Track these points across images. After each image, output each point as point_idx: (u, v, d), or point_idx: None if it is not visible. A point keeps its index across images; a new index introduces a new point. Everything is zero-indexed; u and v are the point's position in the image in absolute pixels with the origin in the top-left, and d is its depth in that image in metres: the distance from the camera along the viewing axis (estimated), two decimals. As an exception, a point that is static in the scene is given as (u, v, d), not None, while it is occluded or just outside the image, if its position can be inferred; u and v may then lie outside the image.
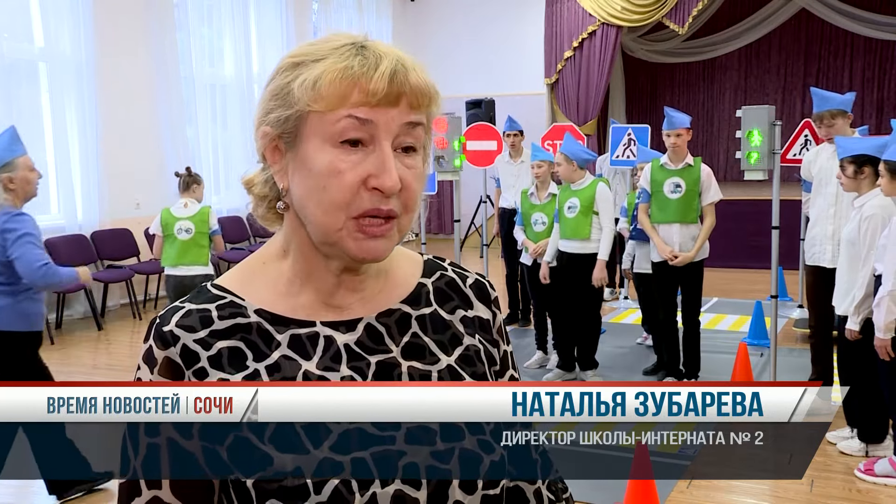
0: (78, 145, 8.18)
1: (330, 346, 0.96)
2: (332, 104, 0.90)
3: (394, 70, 0.90)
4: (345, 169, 0.90)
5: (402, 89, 0.91)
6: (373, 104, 0.90)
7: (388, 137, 0.91)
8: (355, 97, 0.90)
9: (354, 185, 0.90)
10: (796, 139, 6.96)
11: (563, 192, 5.55)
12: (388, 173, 0.90)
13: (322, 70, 0.90)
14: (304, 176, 0.92)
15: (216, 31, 9.95)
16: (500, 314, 1.11)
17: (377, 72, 0.90)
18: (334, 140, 0.90)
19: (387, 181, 0.90)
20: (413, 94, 0.92)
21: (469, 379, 1.01)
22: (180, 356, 0.92)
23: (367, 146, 0.91)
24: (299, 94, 0.91)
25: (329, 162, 0.90)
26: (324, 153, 0.91)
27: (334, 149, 0.90)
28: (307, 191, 0.92)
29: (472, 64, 13.08)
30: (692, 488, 3.96)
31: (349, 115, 0.90)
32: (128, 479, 0.94)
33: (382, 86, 0.89)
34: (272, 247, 1.02)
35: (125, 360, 6.71)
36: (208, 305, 0.96)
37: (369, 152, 0.91)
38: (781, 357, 5.42)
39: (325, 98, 0.90)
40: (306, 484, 0.88)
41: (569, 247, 5.47)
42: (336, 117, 0.90)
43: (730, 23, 13.22)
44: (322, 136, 0.91)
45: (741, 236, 9.30)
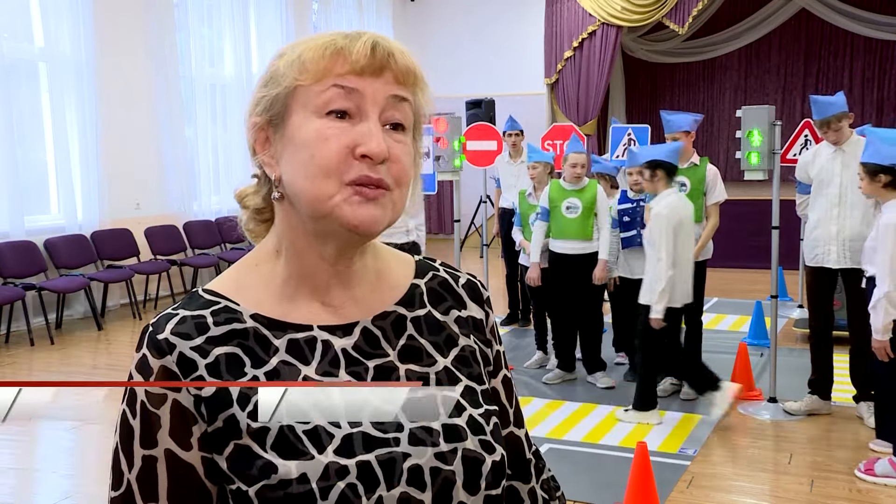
0: (78, 145, 8.18)
1: (328, 350, 0.95)
2: (318, 76, 0.91)
3: (374, 41, 0.92)
4: (331, 136, 0.90)
5: (386, 61, 0.92)
6: (357, 72, 0.91)
7: (374, 109, 0.92)
8: (340, 67, 0.91)
9: (342, 150, 0.90)
10: (796, 139, 6.97)
11: (558, 191, 5.52)
12: (375, 139, 0.90)
13: (306, 46, 0.93)
14: (292, 151, 0.92)
15: (216, 31, 9.94)
16: (492, 314, 1.11)
17: (359, 42, 0.91)
18: (320, 111, 0.91)
19: (374, 147, 0.90)
20: (398, 68, 0.93)
21: (465, 380, 1.01)
22: (177, 364, 0.90)
23: (353, 118, 0.92)
24: (285, 70, 0.93)
25: (316, 130, 0.91)
26: (310, 123, 0.91)
27: (320, 119, 0.91)
28: (296, 165, 0.92)
29: (472, 64, 13.08)
30: (692, 488, 3.96)
31: (335, 85, 0.91)
32: (121, 493, 0.92)
33: (365, 53, 0.91)
34: (264, 248, 1.01)
35: (125, 360, 6.71)
36: (202, 311, 0.94)
37: (356, 122, 0.92)
38: (781, 357, 5.42)
39: (310, 71, 0.91)
40: (312, 490, 0.87)
41: (570, 248, 5.47)
42: (322, 87, 0.91)
43: (730, 23, 13.23)
44: (308, 108, 0.91)
45: (741, 236, 9.29)
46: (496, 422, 1.00)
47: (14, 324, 7.30)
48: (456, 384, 0.99)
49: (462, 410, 0.97)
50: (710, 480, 4.06)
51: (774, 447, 4.48)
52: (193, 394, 0.90)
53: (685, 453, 4.41)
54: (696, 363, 5.25)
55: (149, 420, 0.90)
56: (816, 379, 4.90)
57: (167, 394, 0.90)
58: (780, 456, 4.35)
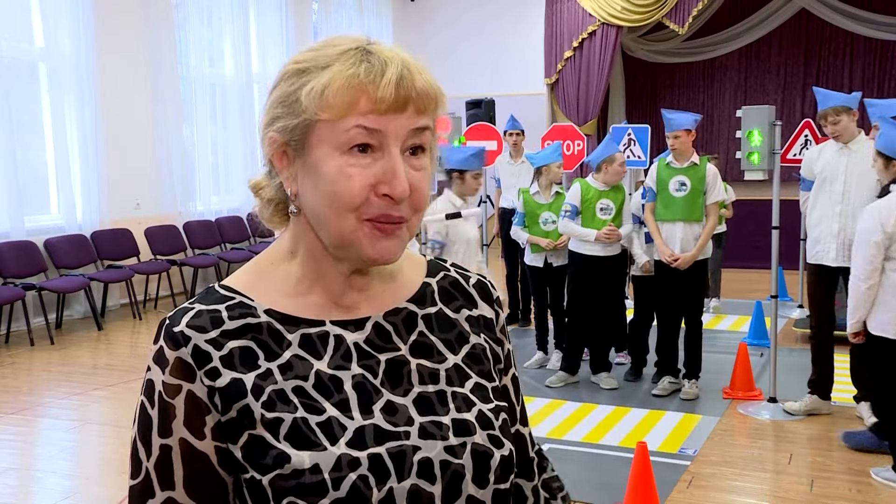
0: (78, 145, 8.18)
1: (340, 344, 0.97)
2: (340, 112, 0.90)
3: (400, 76, 0.91)
4: (354, 174, 0.91)
5: (409, 94, 0.91)
6: (381, 111, 0.90)
7: (396, 143, 0.92)
8: (363, 105, 0.90)
9: (364, 188, 0.91)
10: (796, 139, 6.98)
11: (592, 192, 5.46)
12: (398, 180, 0.91)
13: (329, 78, 0.91)
14: (314, 182, 0.93)
15: (216, 30, 9.94)
16: (502, 313, 1.13)
17: (384, 78, 0.90)
18: (342, 147, 0.91)
19: (397, 188, 0.91)
20: (420, 98, 0.92)
21: (476, 377, 1.02)
22: (192, 356, 0.92)
23: (375, 151, 0.92)
24: (307, 102, 0.91)
25: (338, 167, 0.91)
26: (333, 160, 0.91)
27: (343, 155, 0.91)
28: (318, 196, 0.93)
29: (472, 64, 13.07)
30: (692, 488, 3.96)
31: (358, 125, 0.90)
32: (140, 481, 0.94)
33: (390, 92, 0.90)
34: (279, 247, 1.02)
35: (125, 360, 6.72)
36: (218, 306, 0.96)
37: (378, 157, 0.92)
38: (781, 357, 5.42)
39: (332, 107, 0.90)
40: (325, 480, 0.88)
41: (599, 249, 5.44)
42: (345, 126, 0.90)
43: (730, 23, 13.23)
44: (331, 144, 0.91)
45: (741, 236, 9.30)
46: (505, 418, 1.02)
47: (14, 324, 7.30)
48: (466, 381, 1.01)
49: (472, 406, 0.99)
50: (710, 480, 4.06)
51: (774, 447, 4.48)
52: (207, 385, 0.92)
53: (685, 453, 4.41)
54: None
55: (165, 410, 0.92)
56: (816, 379, 4.90)
57: (182, 384, 0.92)
58: (780, 456, 4.35)
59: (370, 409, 0.94)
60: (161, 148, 9.10)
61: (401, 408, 0.95)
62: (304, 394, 0.93)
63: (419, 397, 0.97)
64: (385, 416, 0.94)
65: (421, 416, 0.95)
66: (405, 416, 0.94)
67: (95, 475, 4.29)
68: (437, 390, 0.98)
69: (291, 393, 0.92)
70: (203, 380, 0.92)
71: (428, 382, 0.98)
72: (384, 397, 0.95)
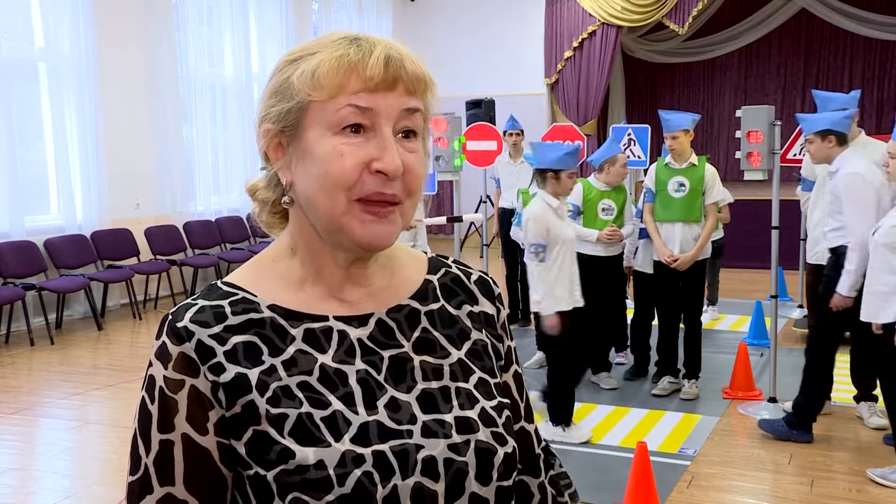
0: (78, 145, 8.18)
1: (344, 339, 0.97)
2: (332, 92, 0.92)
3: (388, 55, 0.93)
4: (346, 152, 0.92)
5: (399, 73, 0.93)
6: (371, 89, 0.92)
7: (388, 123, 0.93)
8: (353, 84, 0.92)
9: (357, 166, 0.92)
10: (796, 139, 6.96)
11: (594, 193, 5.48)
12: (391, 156, 0.92)
13: (319, 60, 0.93)
14: (307, 164, 0.94)
15: (216, 30, 9.94)
16: (503, 310, 1.13)
17: (372, 57, 0.92)
18: (335, 128, 0.92)
19: (389, 164, 0.91)
20: (409, 79, 0.94)
21: (479, 372, 1.02)
22: (195, 351, 0.92)
23: (368, 132, 0.93)
24: (299, 85, 0.93)
25: (331, 147, 0.92)
26: (326, 140, 0.92)
27: (336, 136, 0.92)
28: (310, 178, 0.93)
29: (472, 64, 13.08)
30: (692, 488, 3.96)
31: (349, 104, 0.92)
32: (139, 477, 0.94)
33: (379, 70, 0.91)
34: (281, 244, 1.03)
35: (125, 360, 6.72)
36: (221, 301, 0.96)
37: (370, 137, 0.93)
38: (781, 357, 5.42)
39: (324, 87, 0.92)
40: (329, 476, 0.88)
41: (601, 250, 5.45)
42: (336, 106, 0.92)
43: (730, 23, 13.23)
44: (323, 125, 0.93)
45: (741, 236, 9.29)
46: (508, 415, 1.02)
47: (14, 324, 7.30)
48: (470, 376, 1.01)
49: (475, 403, 0.99)
50: (710, 480, 4.06)
51: (774, 447, 4.47)
52: (211, 380, 0.92)
53: (685, 453, 4.41)
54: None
55: (167, 405, 0.92)
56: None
57: (185, 379, 0.92)
58: (780, 456, 4.35)
59: (374, 405, 0.94)
60: (161, 148, 9.10)
61: (404, 405, 0.95)
62: (309, 388, 0.93)
63: (422, 394, 0.97)
64: (389, 412, 0.94)
65: (424, 414, 0.95)
66: (408, 413, 0.94)
67: (95, 475, 4.29)
68: (440, 386, 0.98)
69: (296, 388, 0.92)
70: (207, 375, 0.92)
71: (431, 379, 0.98)
72: (388, 394, 0.95)
